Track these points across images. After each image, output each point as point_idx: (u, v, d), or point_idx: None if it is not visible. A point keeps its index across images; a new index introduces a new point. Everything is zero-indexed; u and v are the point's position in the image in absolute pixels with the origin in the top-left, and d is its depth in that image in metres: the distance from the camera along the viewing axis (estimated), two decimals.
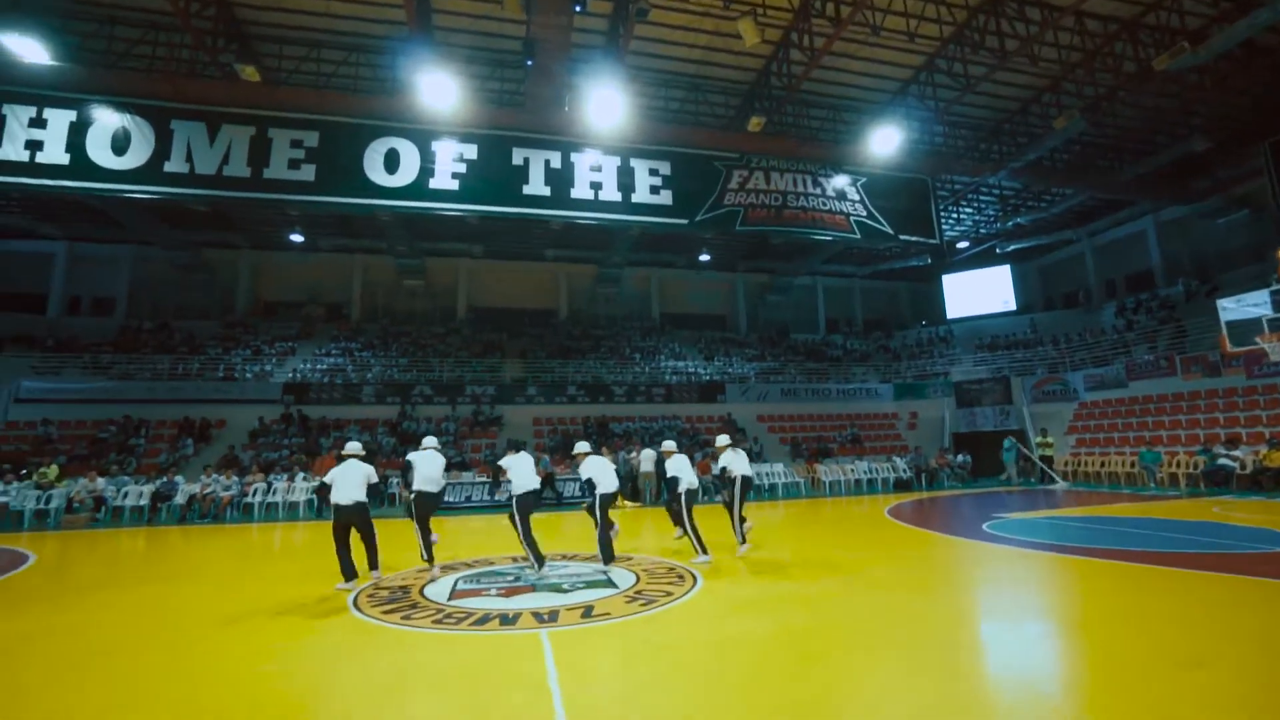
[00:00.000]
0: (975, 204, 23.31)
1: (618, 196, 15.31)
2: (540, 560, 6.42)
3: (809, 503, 14.36)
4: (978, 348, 25.92)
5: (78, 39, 13.59)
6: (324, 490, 6.98)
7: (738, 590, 5.64)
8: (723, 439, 7.76)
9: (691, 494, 7.29)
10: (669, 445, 7.85)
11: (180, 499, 12.35)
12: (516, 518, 6.45)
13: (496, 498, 5.64)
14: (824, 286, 30.59)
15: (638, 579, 6.08)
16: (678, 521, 7.41)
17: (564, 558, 7.33)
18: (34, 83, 12.99)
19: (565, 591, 5.55)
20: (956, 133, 18.39)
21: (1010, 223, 22.94)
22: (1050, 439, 17.16)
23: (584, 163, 15.23)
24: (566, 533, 9.66)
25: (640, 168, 15.58)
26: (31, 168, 13.02)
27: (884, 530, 9.76)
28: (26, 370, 19.13)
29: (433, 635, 4.32)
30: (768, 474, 16.67)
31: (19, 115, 13.11)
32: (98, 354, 20.53)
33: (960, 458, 18.47)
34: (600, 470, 6.89)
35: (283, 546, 9.69)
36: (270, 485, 13.21)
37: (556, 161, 15.07)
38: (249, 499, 12.79)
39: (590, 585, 5.79)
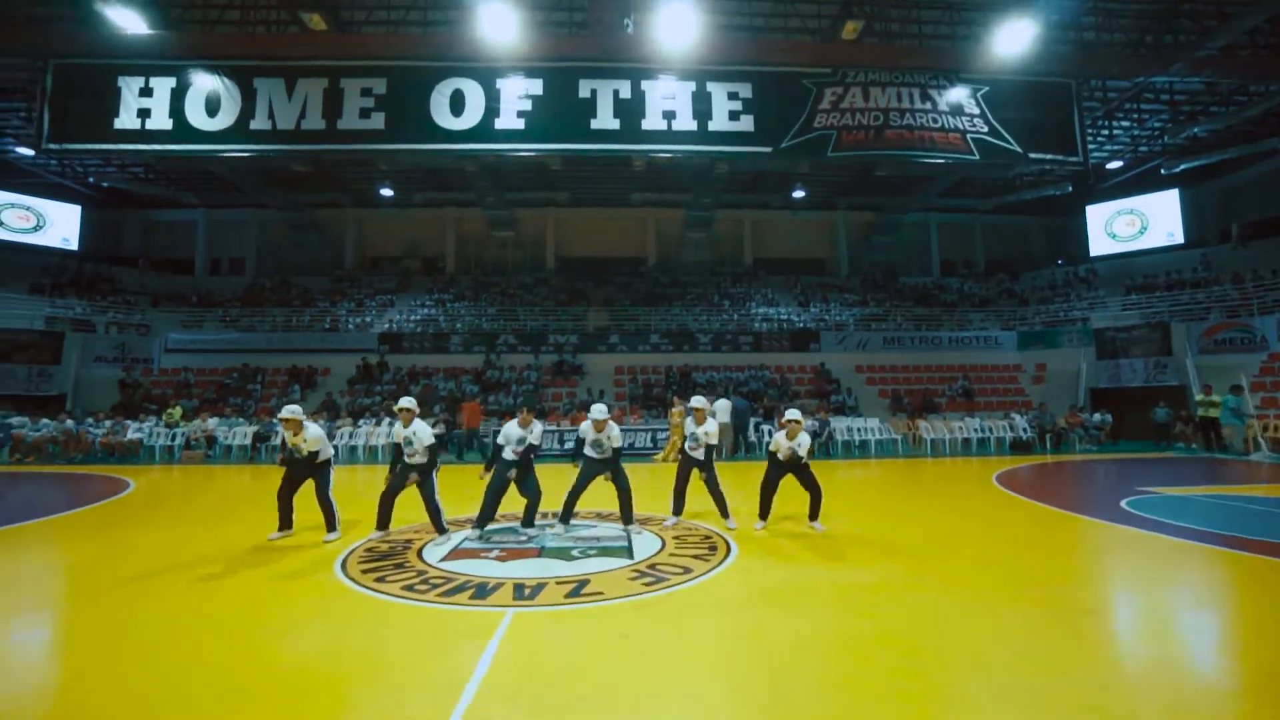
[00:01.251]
0: (1135, 115, 19.20)
1: (693, 125, 13.97)
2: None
3: (905, 463, 12.84)
4: (1128, 289, 22.00)
5: (169, 8, 14.25)
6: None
7: (772, 572, 4.71)
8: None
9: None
10: (699, 402, 6.48)
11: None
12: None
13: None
14: (938, 224, 27.17)
15: (662, 547, 5.36)
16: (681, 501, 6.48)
17: (598, 517, 6.79)
18: (139, 53, 13.78)
19: (572, 559, 4.94)
20: (1113, 23, 14.89)
21: (1182, 135, 18.72)
22: (1217, 397, 14.08)
23: (656, 90, 14.00)
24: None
25: (718, 92, 14.07)
26: (143, 134, 13.96)
27: (986, 501, 8.27)
28: (177, 325, 21.63)
29: (390, 605, 3.86)
30: (860, 429, 15.18)
31: (131, 86, 14.00)
32: (229, 309, 22.75)
33: (1098, 417, 15.80)
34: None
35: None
36: (353, 430, 13.85)
37: (626, 91, 13.95)
38: (335, 442, 13.48)
39: (604, 553, 5.14)
